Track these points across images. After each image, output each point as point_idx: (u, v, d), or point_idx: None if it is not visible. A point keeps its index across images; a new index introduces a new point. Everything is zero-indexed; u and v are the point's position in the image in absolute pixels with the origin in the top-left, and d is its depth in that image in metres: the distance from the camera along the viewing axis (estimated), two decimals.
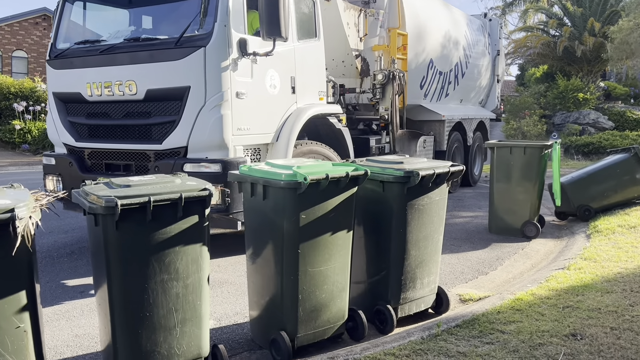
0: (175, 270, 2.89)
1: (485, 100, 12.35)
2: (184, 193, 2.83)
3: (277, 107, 5.76)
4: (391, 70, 7.75)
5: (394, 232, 3.83)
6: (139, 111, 5.46)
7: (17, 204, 2.45)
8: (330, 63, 7.63)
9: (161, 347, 2.92)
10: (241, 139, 5.34)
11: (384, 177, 3.77)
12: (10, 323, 2.51)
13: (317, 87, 6.42)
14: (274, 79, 5.67)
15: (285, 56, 5.84)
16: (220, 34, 5.13)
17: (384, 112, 7.84)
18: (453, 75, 10.27)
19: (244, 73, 5.31)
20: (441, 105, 9.99)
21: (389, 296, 3.91)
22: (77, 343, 3.77)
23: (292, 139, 5.74)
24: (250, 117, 5.39)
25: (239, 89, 5.23)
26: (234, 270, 5.39)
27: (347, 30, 7.82)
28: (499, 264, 5.66)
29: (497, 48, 12.21)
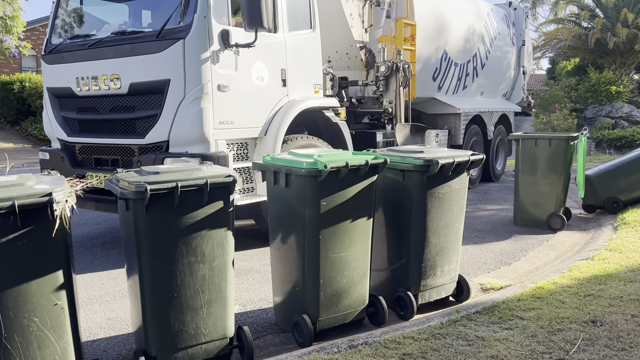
0: (201, 253, 3.03)
1: (510, 92, 11.98)
2: (210, 179, 2.97)
3: (265, 100, 5.63)
4: (395, 62, 7.50)
5: (414, 220, 3.90)
6: (124, 105, 5.44)
7: (54, 189, 2.62)
8: (334, 55, 7.59)
9: (188, 326, 3.07)
10: (224, 132, 5.24)
11: (404, 165, 3.85)
12: (48, 300, 2.68)
13: (312, 79, 6.28)
14: (261, 71, 5.53)
15: (275, 48, 5.72)
16: (200, 25, 5.03)
17: (388, 105, 7.65)
18: (471, 67, 9.97)
19: (227, 65, 5.20)
20: (458, 98, 9.72)
21: (409, 283, 3.98)
22: (109, 325, 3.97)
23: (281, 133, 5.61)
24: (234, 110, 5.29)
25: (221, 81, 5.13)
26: (259, 259, 5.54)
27: (350, 21, 7.60)
28: (523, 255, 5.66)
29: (522, 38, 11.74)
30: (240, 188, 5.48)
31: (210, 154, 5.05)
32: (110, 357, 3.49)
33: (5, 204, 2.45)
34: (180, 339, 3.06)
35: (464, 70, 9.73)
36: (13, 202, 2.46)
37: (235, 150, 5.47)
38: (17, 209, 2.46)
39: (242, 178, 5.53)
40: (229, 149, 5.35)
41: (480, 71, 10.26)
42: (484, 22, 10.22)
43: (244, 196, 5.55)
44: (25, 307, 2.60)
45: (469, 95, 10.17)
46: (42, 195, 2.54)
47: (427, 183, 3.84)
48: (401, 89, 7.59)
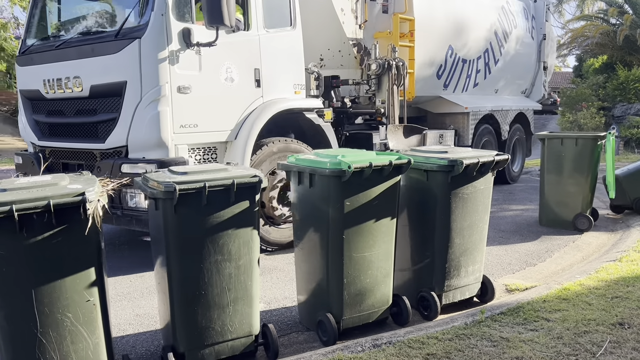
0: (228, 252, 3.09)
1: (529, 89, 11.32)
2: (236, 179, 3.02)
3: (235, 102, 5.35)
4: (387, 59, 6.99)
5: (438, 220, 3.90)
6: (86, 108, 5.23)
7: (87, 189, 2.70)
8: (326, 53, 7.26)
9: (215, 324, 3.13)
10: (185, 137, 4.96)
11: (427, 165, 3.85)
12: (81, 296, 2.77)
13: (292, 79, 5.96)
14: (230, 71, 5.25)
15: (247, 46, 5.44)
16: (157, 24, 4.77)
17: (380, 105, 7.16)
18: (482, 63, 9.35)
19: (189, 66, 4.93)
20: (468, 96, 9.16)
21: (433, 283, 3.99)
22: (138, 321, 4.06)
23: (252, 136, 5.33)
24: (197, 113, 5.02)
25: (182, 82, 4.87)
26: (282, 258, 5.59)
27: (342, 17, 7.15)
28: (548, 256, 5.60)
29: (543, 32, 11.01)
30: None
31: (168, 160, 4.76)
32: (139, 352, 3.57)
33: (41, 203, 2.54)
34: (207, 336, 3.12)
35: (473, 67, 9.16)
36: (48, 202, 2.55)
37: (202, 156, 5.19)
38: (52, 208, 2.56)
39: None
40: (193, 154, 5.10)
41: (494, 67, 9.68)
42: (497, 16, 9.58)
43: None
44: (59, 303, 2.70)
45: (481, 93, 9.61)
46: (75, 194, 2.63)
47: (451, 183, 3.83)
48: (395, 88, 7.08)
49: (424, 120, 9.00)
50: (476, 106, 9.10)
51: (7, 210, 2.48)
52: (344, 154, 3.63)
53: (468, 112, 8.87)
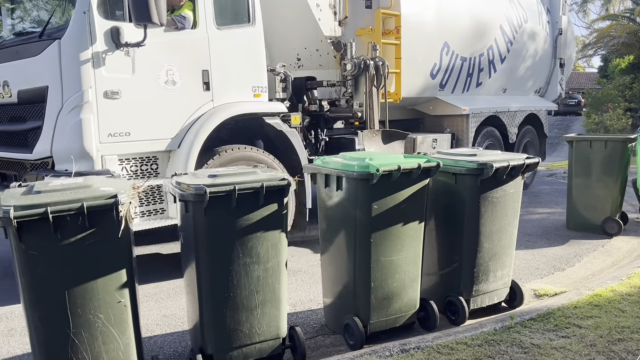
0: (256, 254, 3.09)
1: (544, 88, 10.46)
2: (265, 182, 3.02)
3: (178, 107, 4.87)
4: (364, 58, 6.41)
5: (466, 224, 3.85)
6: (16, 115, 4.87)
7: (119, 191, 2.73)
8: (304, 52, 6.76)
9: (243, 326, 3.13)
10: (115, 147, 4.53)
11: (456, 169, 3.81)
12: (113, 297, 2.79)
13: (252, 81, 5.43)
14: (172, 73, 4.78)
15: (194, 46, 4.97)
16: (78, 22, 4.36)
17: (357, 109, 6.59)
18: (486, 61, 8.53)
19: (118, 68, 4.49)
20: (469, 97, 8.45)
21: (461, 288, 3.94)
22: (165, 322, 4.09)
23: (196, 145, 4.86)
24: (129, 120, 4.59)
25: (110, 87, 4.44)
26: (307, 260, 5.59)
27: (318, 13, 6.53)
28: (577, 261, 5.49)
29: (559, 26, 10.17)
30: (143, 210, 4.79)
31: (92, 172, 4.23)
32: (167, 353, 3.60)
33: (74, 205, 2.58)
34: (236, 338, 3.12)
35: (475, 65, 8.36)
36: (82, 204, 2.58)
37: (138, 166, 4.74)
38: (86, 210, 2.59)
39: (147, 198, 4.81)
40: (127, 165, 4.68)
41: (500, 65, 8.85)
42: (503, 9, 8.79)
43: (149, 219, 4.83)
44: (91, 304, 2.73)
45: (485, 93, 8.86)
46: (108, 197, 2.66)
47: (481, 187, 3.78)
48: (374, 90, 6.47)
49: (421, 122, 8.50)
50: (477, 107, 8.43)
51: (42, 212, 2.52)
52: (372, 156, 3.60)
53: (467, 114, 8.16)
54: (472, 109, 8.21)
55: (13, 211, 2.47)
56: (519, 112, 9.45)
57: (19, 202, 2.55)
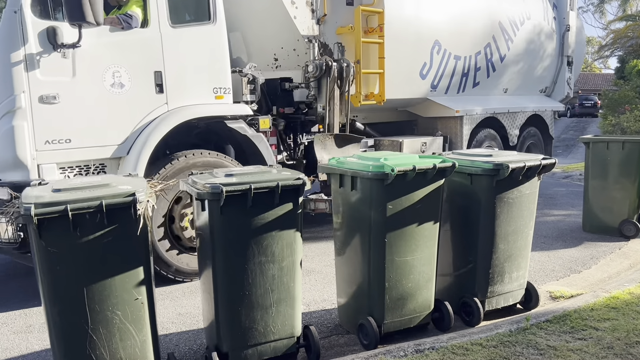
0: (271, 253, 3.10)
1: (551, 87, 9.92)
2: (281, 182, 3.04)
3: (126, 111, 4.58)
4: (326, 60, 6.07)
5: (482, 225, 3.83)
6: None
7: (137, 190, 2.77)
8: (280, 52, 6.49)
9: (258, 324, 3.15)
10: (53, 154, 4.25)
11: (472, 169, 3.79)
12: (130, 295, 2.83)
13: (212, 83, 5.10)
14: (119, 75, 4.51)
15: (144, 46, 4.66)
16: (8, 22, 4.12)
17: (320, 111, 6.26)
18: (483, 60, 8.04)
19: (56, 71, 4.22)
20: (465, 97, 8.00)
21: (476, 289, 3.92)
22: (180, 320, 4.13)
23: (145, 151, 4.56)
24: (70, 126, 4.30)
25: (47, 91, 4.16)
26: (320, 260, 5.60)
27: (293, 11, 6.14)
28: (593, 263, 5.44)
29: (566, 22, 9.61)
30: None
31: (22, 182, 3.98)
32: (182, 351, 3.63)
33: (94, 203, 2.62)
34: (251, 336, 3.14)
35: (470, 64, 7.89)
36: (101, 202, 2.62)
37: (84, 175, 4.49)
38: (105, 208, 2.62)
39: None
40: (70, 173, 4.41)
41: (500, 64, 8.36)
42: (502, 5, 8.32)
43: None
44: (109, 301, 2.76)
45: (484, 94, 8.40)
46: (126, 195, 2.70)
47: (496, 187, 3.76)
48: (336, 92, 6.15)
49: (414, 125, 8.12)
50: (472, 109, 7.96)
51: (61, 210, 2.57)
52: (387, 156, 3.61)
53: (460, 115, 7.69)
54: (466, 111, 7.79)
55: (34, 209, 2.52)
56: (520, 113, 8.96)
57: (39, 200, 2.60)
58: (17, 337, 3.93)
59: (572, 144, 20.49)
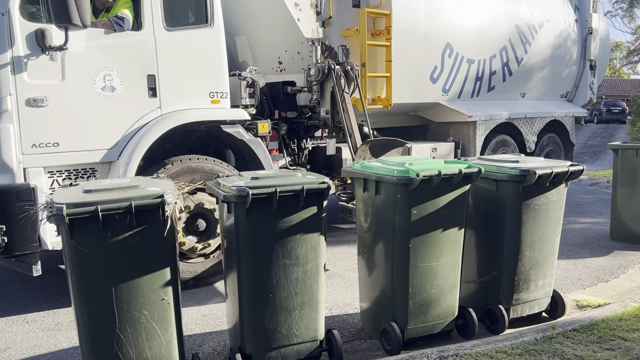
0: (296, 256, 3.12)
1: (572, 92, 9.64)
2: (306, 185, 3.06)
3: (118, 115, 4.50)
4: (329, 63, 5.88)
5: (507, 231, 3.79)
6: None
7: (165, 191, 2.81)
8: (284, 56, 6.41)
9: (282, 327, 3.17)
10: (41, 158, 4.18)
11: (498, 175, 3.76)
12: (157, 295, 2.87)
13: (208, 87, 5.00)
14: (110, 79, 4.44)
15: (137, 49, 4.58)
16: None
17: (324, 116, 6.06)
18: (499, 64, 7.86)
19: (44, 73, 4.16)
20: (479, 102, 7.79)
21: (501, 296, 3.88)
22: (204, 322, 4.17)
23: (136, 156, 4.47)
24: (58, 129, 4.23)
25: (34, 94, 4.10)
26: (342, 264, 5.59)
27: (297, 13, 6.03)
28: (622, 272, 5.33)
29: (589, 25, 9.36)
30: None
31: (12, 186, 4.00)
32: (206, 352, 3.66)
33: (123, 204, 2.67)
34: (274, 339, 3.16)
35: (485, 68, 7.70)
36: (130, 203, 2.67)
37: (73, 179, 4.37)
38: (134, 209, 2.67)
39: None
40: (58, 177, 4.31)
41: (517, 68, 8.15)
42: (518, 7, 8.08)
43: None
44: (136, 301, 2.81)
45: (500, 99, 8.19)
46: (155, 196, 2.74)
47: (523, 194, 3.72)
48: (346, 96, 5.91)
49: (426, 130, 8.01)
50: (486, 114, 7.71)
51: (92, 210, 2.62)
52: (412, 161, 3.60)
53: (473, 120, 7.45)
54: (479, 116, 7.57)
55: (66, 209, 2.58)
56: (538, 119, 8.68)
57: (71, 200, 2.66)
58: (45, 334, 4.02)
59: (598, 150, 20.10)
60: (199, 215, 4.77)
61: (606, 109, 33.49)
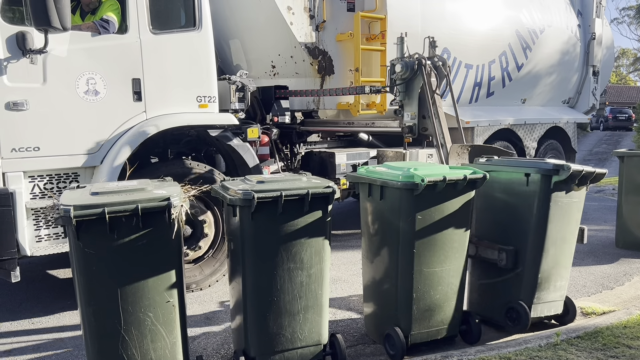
0: (300, 260, 3.13)
1: (575, 98, 9.59)
2: (311, 189, 3.07)
3: (101, 119, 4.42)
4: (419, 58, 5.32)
5: (534, 226, 3.79)
6: None
7: (171, 194, 2.83)
8: (278, 60, 6.34)
9: (286, 330, 3.18)
10: (20, 162, 4.08)
11: (529, 169, 3.77)
12: (162, 297, 2.89)
13: (196, 91, 4.91)
14: (93, 82, 4.35)
15: (122, 52, 4.50)
16: None
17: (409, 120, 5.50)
18: (498, 69, 7.78)
19: (24, 77, 4.07)
20: (477, 108, 7.71)
21: (522, 295, 3.87)
22: (208, 324, 4.19)
23: (118, 161, 4.41)
24: (39, 133, 4.14)
25: (14, 97, 4.02)
26: (346, 268, 5.60)
27: (289, 17, 5.96)
28: (627, 280, 5.31)
29: (592, 30, 9.30)
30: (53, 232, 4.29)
31: None
32: (209, 354, 3.68)
33: (130, 207, 2.69)
34: (278, 342, 3.17)
35: (484, 74, 7.64)
36: (137, 205, 2.69)
37: (55, 184, 4.29)
38: (140, 211, 2.69)
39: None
40: (39, 182, 4.22)
41: (517, 74, 8.09)
42: (522, 12, 8.04)
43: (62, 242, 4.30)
44: (142, 303, 2.83)
45: (500, 104, 8.12)
46: (162, 199, 2.76)
47: (553, 188, 3.73)
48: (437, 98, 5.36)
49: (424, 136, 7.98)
50: (485, 119, 7.56)
51: (99, 212, 2.64)
52: (417, 166, 3.61)
53: (471, 126, 7.30)
54: (477, 121, 7.45)
55: (73, 211, 2.60)
56: (538, 125, 8.59)
57: (78, 202, 2.68)
58: (50, 336, 4.04)
59: (604, 157, 20.04)
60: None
61: (612, 116, 33.40)
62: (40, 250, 4.14)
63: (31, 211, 4.14)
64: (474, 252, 4.00)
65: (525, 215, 3.82)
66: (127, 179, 4.08)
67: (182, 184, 3.27)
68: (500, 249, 3.84)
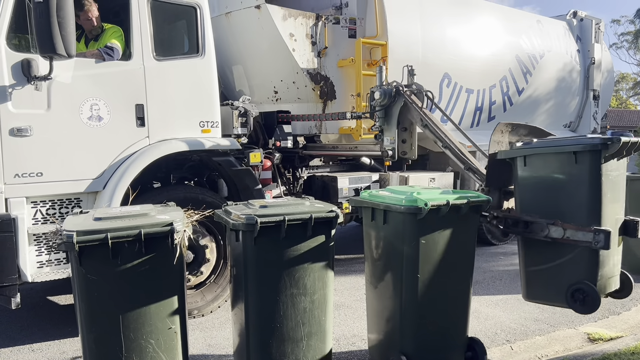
0: (303, 286, 3.11)
1: (576, 122, 9.67)
2: (314, 214, 3.07)
3: (105, 145, 4.45)
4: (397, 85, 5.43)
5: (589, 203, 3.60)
6: None
7: (174, 219, 2.83)
8: (280, 85, 6.42)
9: (289, 357, 3.14)
10: (23, 188, 4.10)
11: (577, 147, 3.61)
12: (164, 324, 2.87)
13: (199, 116, 4.97)
14: (97, 108, 4.39)
15: (126, 79, 4.56)
16: None
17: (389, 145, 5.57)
18: (499, 93, 7.88)
19: (29, 103, 4.12)
20: (479, 132, 7.57)
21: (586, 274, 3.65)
22: (210, 352, 4.13)
23: (121, 186, 4.41)
24: (42, 159, 4.17)
25: (19, 123, 4.05)
26: (350, 294, 5.55)
27: (292, 44, 6.10)
28: (633, 305, 5.24)
29: (591, 55, 9.45)
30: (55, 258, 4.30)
31: None
32: None
33: (133, 232, 2.69)
34: None
35: (484, 98, 7.71)
36: (140, 231, 2.69)
37: (57, 209, 4.32)
38: (143, 237, 2.69)
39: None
40: (42, 207, 4.24)
41: (517, 98, 8.16)
42: (522, 37, 8.21)
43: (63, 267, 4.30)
44: (143, 329, 2.80)
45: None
46: (164, 224, 2.76)
47: (605, 164, 3.58)
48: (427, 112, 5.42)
49: (426, 160, 7.81)
50: (485, 144, 7.56)
51: (102, 238, 2.64)
52: (420, 190, 3.61)
53: (473, 150, 7.34)
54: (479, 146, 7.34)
55: (76, 236, 2.60)
56: None
57: (81, 228, 2.68)
58: None
59: None
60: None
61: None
62: (42, 276, 4.13)
63: (33, 237, 4.14)
64: (560, 235, 3.70)
65: (579, 193, 3.64)
66: (130, 204, 4.13)
67: (185, 209, 3.26)
68: (596, 230, 3.56)
